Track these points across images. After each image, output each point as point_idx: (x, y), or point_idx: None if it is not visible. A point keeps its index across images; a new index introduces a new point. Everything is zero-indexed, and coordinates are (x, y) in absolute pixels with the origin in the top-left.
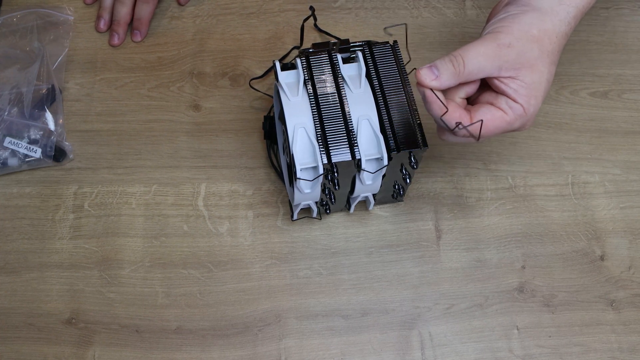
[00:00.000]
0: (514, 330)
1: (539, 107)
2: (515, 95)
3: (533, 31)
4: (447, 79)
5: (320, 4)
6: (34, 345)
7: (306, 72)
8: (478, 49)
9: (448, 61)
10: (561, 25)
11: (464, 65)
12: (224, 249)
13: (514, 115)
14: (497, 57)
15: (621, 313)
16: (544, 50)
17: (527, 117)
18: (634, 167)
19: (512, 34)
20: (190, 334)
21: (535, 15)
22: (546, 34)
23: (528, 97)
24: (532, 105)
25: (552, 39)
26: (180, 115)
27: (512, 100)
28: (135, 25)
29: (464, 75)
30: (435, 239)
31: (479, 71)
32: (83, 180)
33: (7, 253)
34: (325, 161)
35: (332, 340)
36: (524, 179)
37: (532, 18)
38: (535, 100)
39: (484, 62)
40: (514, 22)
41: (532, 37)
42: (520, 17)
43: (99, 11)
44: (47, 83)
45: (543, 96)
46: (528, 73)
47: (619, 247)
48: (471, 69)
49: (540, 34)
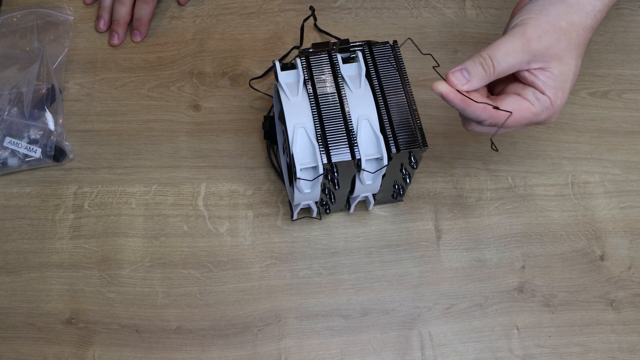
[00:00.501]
0: (514, 330)
1: (565, 100)
2: (543, 87)
3: (561, 23)
4: (477, 82)
5: (320, 4)
6: (34, 345)
7: (306, 72)
8: (507, 48)
9: (478, 64)
10: (587, 18)
11: (494, 67)
12: (224, 249)
13: (541, 107)
14: (526, 51)
15: (621, 313)
16: (572, 42)
17: (553, 109)
18: (634, 167)
19: (541, 26)
20: (190, 334)
21: (563, 7)
22: (574, 27)
23: (555, 90)
24: (559, 97)
25: (579, 31)
26: (180, 115)
27: (539, 92)
28: (134, 26)
29: (493, 77)
30: (435, 239)
31: (509, 69)
32: (83, 180)
33: (7, 253)
34: (325, 161)
35: (332, 340)
36: (524, 179)
37: (560, 10)
38: (562, 93)
39: (513, 60)
40: (541, 14)
41: (560, 29)
42: (548, 9)
43: (98, 11)
44: (47, 83)
45: (570, 89)
46: (557, 65)
47: (619, 247)
48: (501, 69)
49: (568, 26)
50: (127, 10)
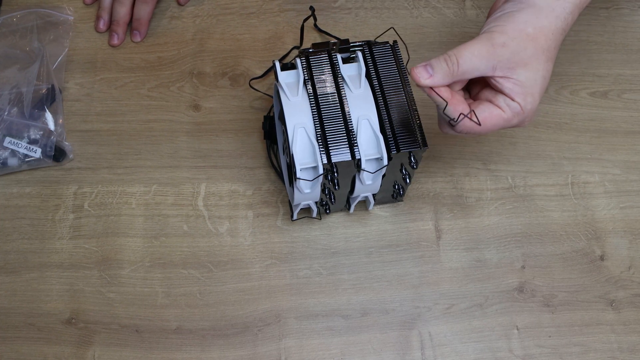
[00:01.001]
0: (514, 330)
1: (537, 103)
2: (511, 93)
3: (528, 29)
4: (440, 78)
5: (320, 4)
6: (34, 345)
7: (306, 72)
8: (472, 50)
9: (442, 61)
10: (557, 21)
11: (458, 65)
12: (224, 249)
13: (512, 113)
14: (491, 57)
15: (621, 313)
16: (539, 47)
17: (524, 114)
18: (634, 167)
19: (507, 33)
20: (190, 334)
21: (531, 12)
22: (542, 32)
23: (524, 95)
24: (528, 102)
25: (548, 36)
26: (180, 115)
27: (509, 98)
28: (134, 26)
29: (457, 75)
30: (435, 239)
31: (473, 70)
32: (83, 180)
33: (7, 253)
34: (325, 161)
35: (332, 340)
36: (524, 179)
37: (528, 15)
38: (532, 98)
39: (478, 62)
40: (509, 20)
41: (527, 35)
42: (516, 15)
43: (98, 11)
44: (47, 83)
45: (540, 93)
46: (523, 71)
47: (619, 247)
48: (465, 68)
49: (535, 31)
50: (127, 10)
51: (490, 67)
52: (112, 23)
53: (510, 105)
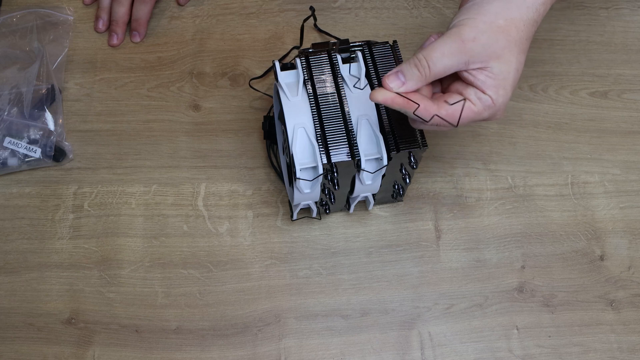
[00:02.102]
0: (514, 330)
1: (509, 97)
2: (483, 86)
3: (499, 21)
4: (413, 84)
5: (320, 4)
6: (33, 345)
7: (306, 72)
8: (442, 49)
9: (413, 66)
10: (529, 12)
11: (429, 68)
12: (223, 249)
13: (482, 106)
14: (462, 53)
15: (621, 313)
16: (511, 39)
17: (496, 107)
18: (634, 167)
19: (477, 26)
20: (190, 334)
21: (501, 4)
22: (513, 23)
23: (496, 88)
24: (500, 95)
25: (519, 27)
26: (180, 115)
27: (480, 91)
28: (133, 26)
29: (430, 78)
30: (435, 239)
31: (446, 70)
32: (83, 180)
33: (7, 253)
34: (325, 161)
35: (332, 340)
36: (524, 179)
37: (498, 7)
38: (504, 91)
39: (449, 61)
40: (479, 13)
41: (498, 27)
42: (486, 7)
43: (97, 11)
44: (47, 83)
45: (512, 86)
46: (496, 64)
47: (619, 247)
48: (437, 70)
49: (506, 23)
50: (126, 10)
51: (462, 62)
52: (111, 23)
53: (482, 98)
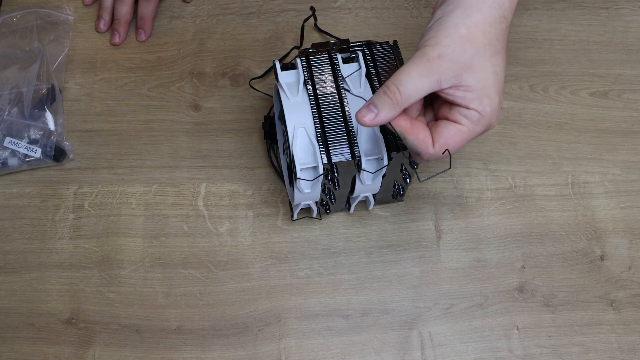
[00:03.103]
0: (514, 330)
1: (498, 102)
2: (465, 102)
3: (461, 31)
4: (387, 114)
5: (320, 4)
6: (34, 345)
7: (306, 72)
8: (410, 72)
9: (383, 94)
10: (492, 10)
11: (400, 92)
12: (224, 249)
13: (471, 124)
14: (430, 73)
15: (621, 313)
16: (479, 45)
17: (486, 118)
18: (634, 167)
19: (440, 43)
20: (190, 334)
21: (460, 12)
22: (477, 28)
23: (479, 100)
24: (486, 105)
25: (485, 30)
26: (180, 115)
27: (464, 108)
28: (139, 25)
29: (403, 103)
30: (435, 239)
31: (418, 92)
32: (83, 180)
33: (7, 253)
34: (325, 161)
35: (332, 340)
36: (524, 179)
37: (457, 17)
38: (489, 99)
39: (420, 83)
40: (439, 28)
41: (461, 37)
42: (445, 21)
43: (98, 11)
44: (47, 83)
45: (497, 91)
46: (469, 76)
47: (619, 247)
48: (408, 94)
49: (469, 31)
50: (128, 9)
51: (434, 82)
52: (113, 22)
53: (468, 115)
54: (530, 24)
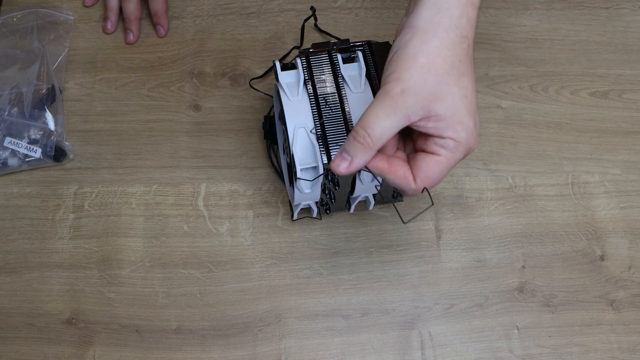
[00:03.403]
0: (514, 330)
1: (473, 124)
2: (438, 132)
3: (420, 61)
4: (360, 159)
5: (320, 4)
6: (34, 345)
7: (306, 72)
8: (376, 113)
9: (353, 140)
10: (448, 34)
11: (369, 136)
12: (224, 249)
13: (448, 152)
14: (397, 110)
15: (621, 313)
16: (442, 72)
17: (463, 144)
18: (634, 167)
19: (400, 78)
20: (190, 334)
21: (417, 40)
22: (436, 55)
23: (453, 127)
24: (460, 131)
25: (445, 55)
26: (181, 115)
27: (438, 137)
28: (155, 21)
29: (375, 146)
30: (435, 239)
31: (388, 132)
32: (83, 180)
33: (7, 253)
34: (326, 161)
35: (332, 340)
36: (524, 179)
37: (415, 46)
38: (462, 125)
39: (387, 123)
40: (398, 61)
41: (421, 68)
42: (404, 53)
43: (104, 13)
44: (47, 83)
45: (469, 114)
46: (437, 105)
47: (619, 247)
48: (378, 135)
49: (429, 59)
50: (136, 5)
51: (403, 119)
52: (124, 21)
53: (444, 144)
54: (530, 24)
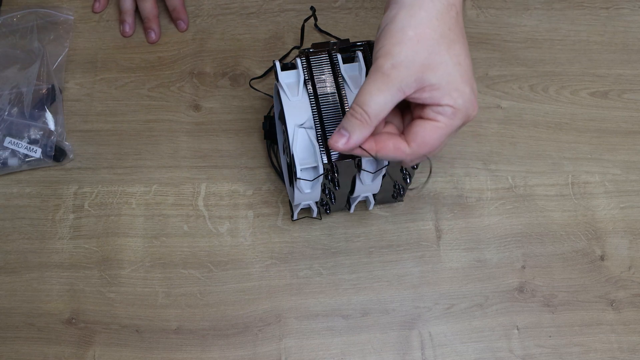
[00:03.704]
0: (514, 330)
1: (470, 91)
2: (435, 101)
3: (409, 34)
4: (359, 134)
5: (320, 4)
6: (34, 345)
7: (306, 72)
8: (370, 90)
9: (351, 117)
10: (435, 4)
11: (366, 112)
12: (224, 249)
13: (447, 119)
14: (390, 85)
15: (621, 313)
16: (431, 42)
17: (461, 111)
18: (634, 167)
19: (390, 53)
20: (190, 334)
21: (404, 13)
22: (424, 26)
23: (449, 94)
24: (457, 97)
25: (433, 25)
26: (181, 115)
27: (436, 106)
28: (174, 16)
29: (373, 122)
30: (435, 239)
31: (384, 107)
32: (83, 180)
33: (7, 253)
34: (326, 161)
35: (332, 340)
36: (524, 179)
37: (402, 20)
38: (458, 92)
39: (382, 98)
40: (387, 36)
41: (410, 40)
42: (391, 28)
43: (120, 16)
44: (47, 83)
45: (464, 81)
46: (431, 75)
47: (619, 247)
48: (375, 112)
49: (417, 31)
50: (153, 4)
51: (397, 93)
52: (143, 21)
53: (441, 111)
54: (530, 24)
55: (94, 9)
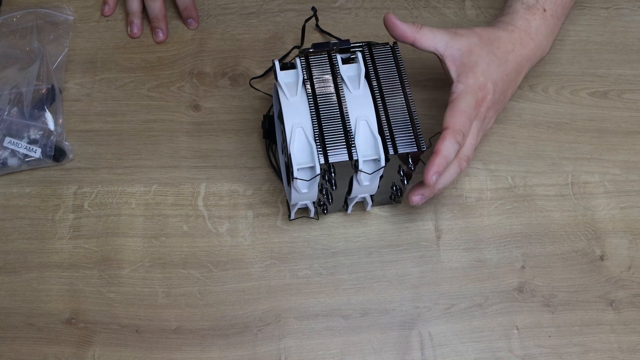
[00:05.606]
0: (514, 330)
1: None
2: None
3: (483, 34)
4: (405, 28)
5: (320, 4)
6: (34, 345)
7: (305, 72)
8: (436, 28)
9: (411, 23)
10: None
11: (420, 28)
12: (223, 249)
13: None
14: (444, 35)
15: (621, 313)
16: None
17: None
18: (634, 167)
19: (471, 29)
20: (190, 334)
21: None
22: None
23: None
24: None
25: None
26: (180, 115)
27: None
28: (185, 15)
29: (416, 33)
30: (435, 239)
31: (429, 38)
32: (83, 180)
33: (7, 253)
34: (323, 161)
35: (332, 340)
36: (524, 179)
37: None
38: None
39: (433, 36)
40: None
41: (478, 35)
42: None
43: (128, 17)
44: (47, 83)
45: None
46: (466, 55)
47: (619, 247)
48: (423, 33)
49: (489, 35)
50: (161, 4)
51: (442, 44)
52: (151, 21)
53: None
54: None
55: (103, 13)
